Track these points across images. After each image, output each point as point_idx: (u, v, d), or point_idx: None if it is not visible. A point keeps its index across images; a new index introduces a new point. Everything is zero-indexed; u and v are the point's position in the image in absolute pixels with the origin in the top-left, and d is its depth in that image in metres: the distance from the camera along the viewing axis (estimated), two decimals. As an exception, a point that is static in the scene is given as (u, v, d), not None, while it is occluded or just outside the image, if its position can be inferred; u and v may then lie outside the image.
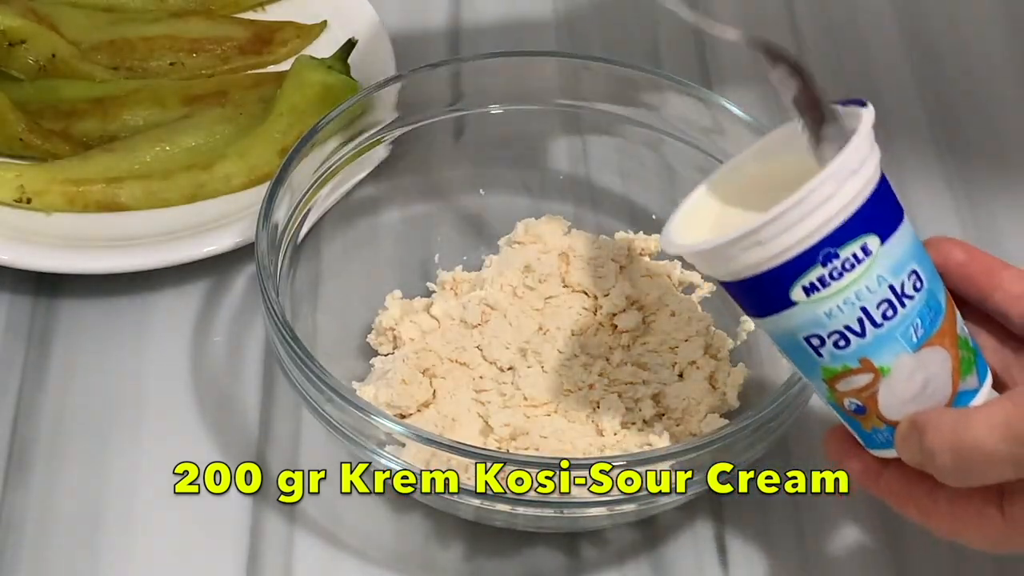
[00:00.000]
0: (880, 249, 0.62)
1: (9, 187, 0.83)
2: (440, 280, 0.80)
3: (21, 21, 0.89)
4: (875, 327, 0.62)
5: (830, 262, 0.61)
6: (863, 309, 0.62)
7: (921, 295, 0.62)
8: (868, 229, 0.61)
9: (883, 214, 0.62)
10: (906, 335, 0.62)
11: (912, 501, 0.64)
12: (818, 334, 0.62)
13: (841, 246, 0.61)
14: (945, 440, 0.60)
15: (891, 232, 0.62)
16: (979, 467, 0.60)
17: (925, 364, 0.62)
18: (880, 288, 0.62)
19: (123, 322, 0.81)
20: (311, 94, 0.87)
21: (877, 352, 0.62)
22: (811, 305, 0.62)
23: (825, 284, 0.61)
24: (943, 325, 0.63)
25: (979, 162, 0.91)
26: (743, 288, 0.63)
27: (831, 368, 0.63)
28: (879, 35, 0.99)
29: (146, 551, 0.72)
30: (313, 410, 0.70)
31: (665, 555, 0.73)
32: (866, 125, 0.62)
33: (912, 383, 0.62)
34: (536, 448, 0.72)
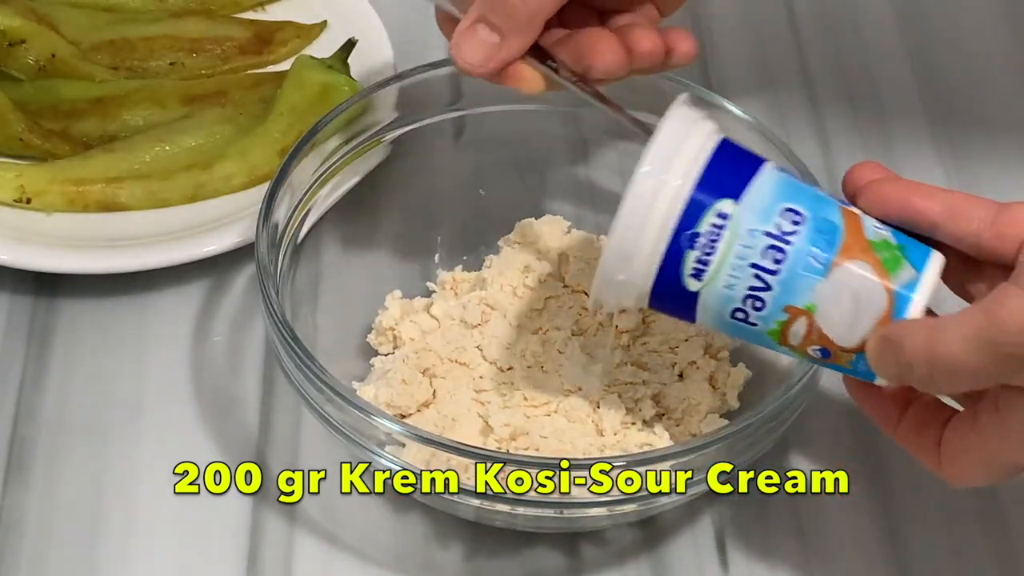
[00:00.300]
0: (737, 208, 0.64)
1: (9, 187, 0.83)
2: (440, 280, 0.80)
3: (21, 21, 0.89)
4: (774, 275, 0.63)
5: (695, 241, 0.64)
6: (753, 265, 0.64)
7: (805, 226, 0.64)
8: (717, 195, 0.64)
9: (728, 177, 0.64)
10: (808, 267, 0.63)
11: (922, 449, 0.66)
12: (736, 307, 0.64)
13: (696, 224, 0.64)
14: (920, 353, 0.61)
15: (744, 188, 0.64)
16: (954, 377, 0.61)
17: (843, 282, 0.63)
18: (757, 239, 0.63)
19: (123, 322, 0.81)
20: (311, 94, 0.87)
21: (792, 295, 0.64)
22: (710, 287, 0.64)
23: (706, 263, 0.64)
24: (845, 240, 0.64)
25: (979, 161, 0.91)
26: (658, 304, 0.66)
27: (772, 330, 0.65)
28: (879, 35, 0.98)
29: (146, 551, 0.72)
30: (313, 410, 0.70)
31: (665, 555, 0.73)
32: (670, 113, 0.65)
33: (842, 304, 0.63)
34: (536, 448, 0.72)
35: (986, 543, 0.74)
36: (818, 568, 0.73)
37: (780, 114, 0.93)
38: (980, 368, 0.60)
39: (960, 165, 0.91)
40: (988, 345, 0.60)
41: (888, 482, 0.76)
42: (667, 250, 0.64)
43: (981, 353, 0.60)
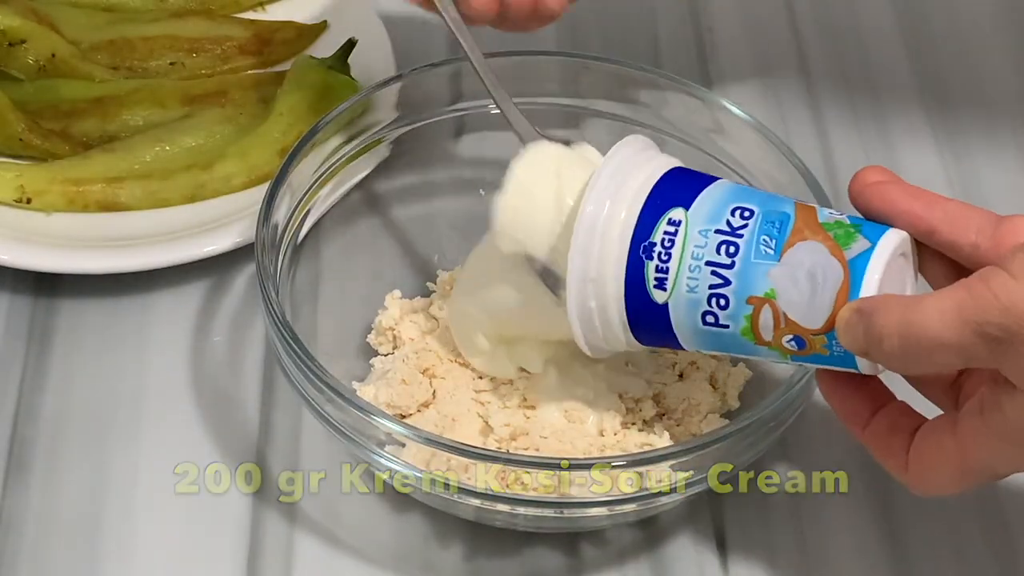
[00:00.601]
0: (688, 213, 0.66)
1: (9, 187, 0.83)
2: (440, 280, 0.80)
3: (21, 21, 0.89)
4: (730, 268, 0.65)
5: (651, 251, 0.66)
6: (709, 263, 0.65)
7: (756, 218, 0.65)
8: (667, 206, 0.66)
9: (679, 190, 0.67)
10: (760, 254, 0.65)
11: (891, 453, 0.65)
12: (705, 311, 0.66)
13: (650, 234, 0.66)
14: (893, 324, 0.61)
15: (695, 195, 0.66)
16: (926, 352, 0.60)
17: (797, 262, 0.64)
18: (709, 238, 0.65)
19: (123, 322, 0.81)
20: (311, 94, 0.87)
21: (750, 285, 0.65)
22: (675, 295, 0.66)
23: (664, 270, 0.66)
24: (796, 224, 0.65)
25: (979, 161, 0.91)
26: (639, 331, 0.68)
27: (744, 328, 0.65)
28: (879, 35, 0.99)
29: (146, 551, 0.72)
30: (313, 410, 0.70)
31: (665, 555, 0.73)
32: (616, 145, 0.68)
33: (799, 283, 0.64)
34: (536, 448, 0.72)
35: (986, 543, 0.74)
36: (818, 568, 0.73)
37: (780, 114, 0.93)
38: (956, 344, 0.59)
39: (960, 165, 0.91)
40: (968, 322, 0.59)
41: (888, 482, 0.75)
42: (628, 264, 0.66)
43: (959, 329, 0.59)
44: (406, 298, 0.79)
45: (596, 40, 0.97)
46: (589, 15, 0.98)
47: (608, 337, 0.69)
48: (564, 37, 0.97)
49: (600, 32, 0.97)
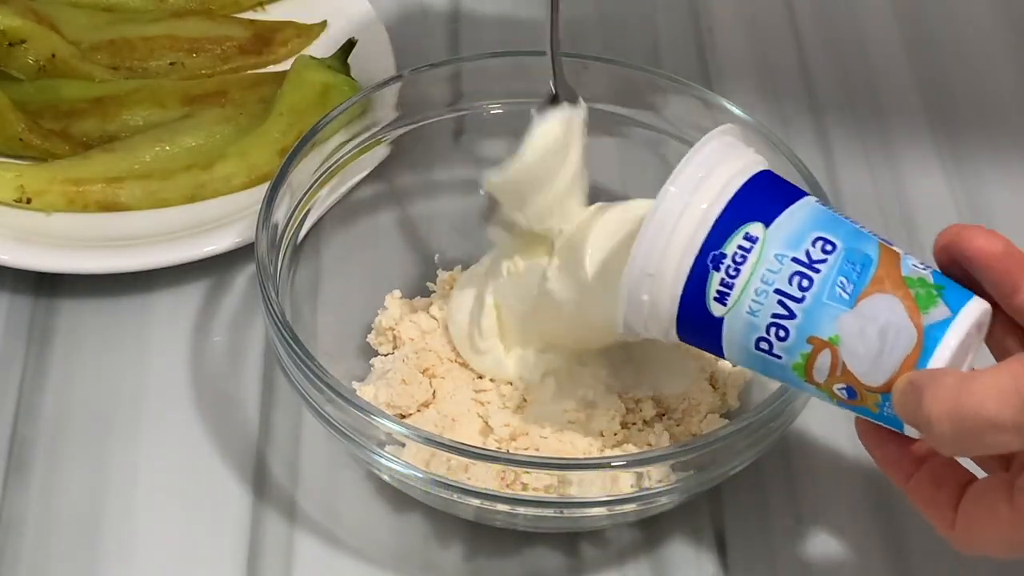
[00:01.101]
0: (767, 231, 0.62)
1: (9, 187, 0.83)
2: (440, 280, 0.80)
3: (21, 21, 0.89)
4: (799, 302, 0.62)
5: (721, 263, 0.63)
6: (778, 291, 0.62)
7: (837, 255, 0.62)
8: (747, 219, 0.63)
9: (762, 202, 0.63)
10: (835, 296, 0.61)
11: (936, 508, 0.63)
12: (760, 336, 0.63)
13: (723, 244, 0.63)
14: (944, 407, 0.57)
15: (777, 213, 0.63)
16: (980, 434, 0.57)
17: (871, 315, 0.61)
18: (784, 264, 0.62)
19: (123, 322, 0.81)
20: (311, 94, 0.87)
21: (816, 324, 0.62)
22: (734, 312, 0.63)
23: (730, 285, 0.63)
24: (877, 272, 0.62)
25: (979, 162, 0.91)
26: (685, 332, 0.65)
27: (797, 364, 0.63)
28: (880, 35, 0.98)
29: (146, 551, 0.72)
30: (313, 410, 0.70)
31: (665, 555, 0.73)
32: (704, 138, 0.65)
33: (868, 338, 0.61)
34: (536, 448, 0.72)
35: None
36: (818, 568, 0.73)
37: (780, 114, 0.93)
38: (1013, 426, 0.56)
39: (961, 165, 0.91)
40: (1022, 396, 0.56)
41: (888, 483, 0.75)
42: (692, 269, 0.63)
43: (1016, 409, 0.56)
44: (406, 298, 0.79)
45: (596, 40, 0.97)
46: (589, 15, 0.98)
47: (651, 328, 0.66)
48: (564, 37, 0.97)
49: (600, 32, 0.97)
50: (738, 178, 0.64)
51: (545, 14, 0.73)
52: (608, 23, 0.98)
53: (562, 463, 0.69)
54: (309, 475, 0.75)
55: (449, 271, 0.81)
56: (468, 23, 0.97)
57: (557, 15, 0.72)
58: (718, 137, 0.65)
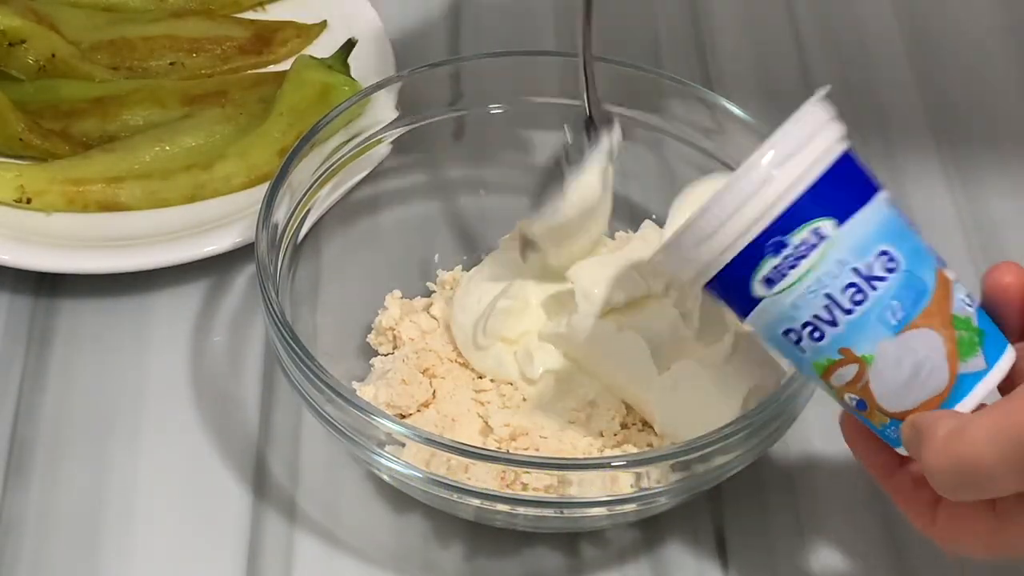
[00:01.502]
0: (837, 232, 0.60)
1: (9, 187, 0.83)
2: (440, 280, 0.80)
3: (21, 21, 0.89)
4: (846, 314, 0.60)
5: (781, 250, 0.60)
6: (828, 296, 0.60)
7: (896, 276, 0.60)
8: (820, 212, 0.60)
9: (838, 196, 0.60)
10: (882, 318, 0.60)
11: (917, 508, 0.63)
12: (791, 327, 0.61)
13: (790, 232, 0.60)
14: (940, 456, 0.57)
15: (851, 213, 0.60)
16: (978, 480, 0.57)
17: (911, 348, 0.60)
18: (843, 272, 0.60)
19: (123, 322, 0.81)
20: (311, 94, 0.87)
21: (855, 340, 0.60)
22: (776, 298, 0.61)
23: (782, 274, 0.60)
24: (930, 306, 0.60)
25: (980, 163, 0.91)
26: (715, 289, 0.63)
27: (818, 363, 0.61)
28: (880, 36, 0.98)
29: (146, 551, 0.72)
30: (313, 410, 0.70)
31: (665, 555, 0.73)
32: (804, 110, 0.61)
33: (901, 369, 0.60)
34: (536, 448, 0.72)
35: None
36: (818, 568, 0.73)
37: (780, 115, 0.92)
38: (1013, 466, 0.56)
39: (961, 165, 0.91)
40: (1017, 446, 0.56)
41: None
42: (749, 245, 0.60)
43: (1013, 448, 0.56)
44: (406, 298, 0.79)
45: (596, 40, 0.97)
46: (589, 15, 0.98)
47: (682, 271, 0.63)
48: (564, 37, 0.97)
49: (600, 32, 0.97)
50: (822, 161, 0.61)
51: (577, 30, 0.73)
52: (608, 23, 0.98)
53: (562, 463, 0.69)
54: (309, 475, 0.75)
55: (449, 271, 0.81)
56: (468, 23, 0.97)
57: (590, 31, 0.72)
58: (811, 109, 0.62)
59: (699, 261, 0.62)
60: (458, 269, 0.81)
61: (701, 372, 0.72)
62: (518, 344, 0.75)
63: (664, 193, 0.83)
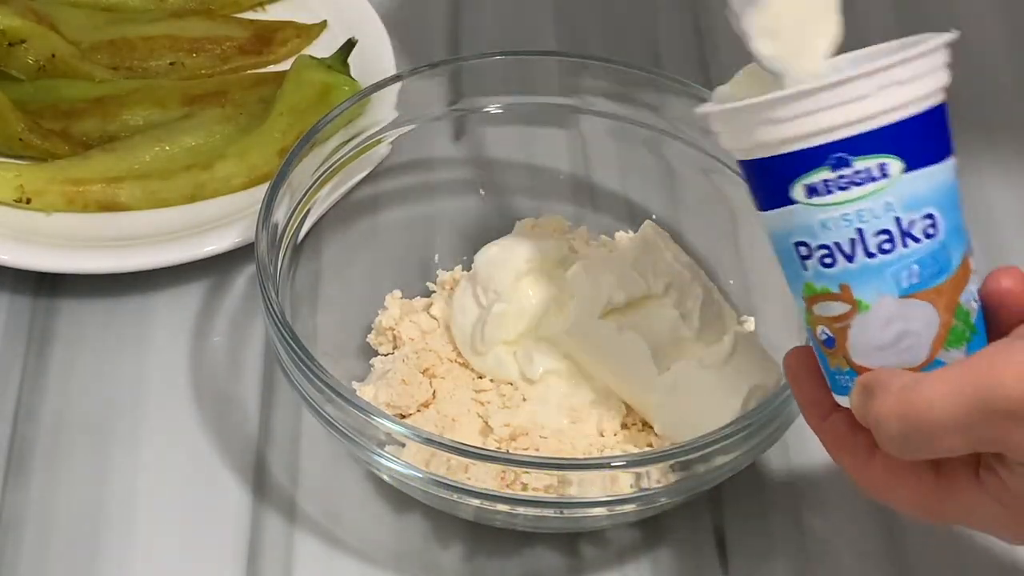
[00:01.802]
0: (901, 176, 0.58)
1: (9, 187, 0.83)
2: (440, 280, 0.80)
3: (21, 21, 0.89)
4: (867, 255, 0.59)
5: (840, 168, 0.58)
6: (859, 231, 0.59)
7: (930, 243, 0.59)
8: (894, 150, 0.58)
9: (918, 143, 0.59)
10: (896, 276, 0.59)
11: (849, 450, 0.61)
12: (808, 242, 0.59)
13: (857, 156, 0.58)
14: (892, 406, 0.57)
15: (921, 165, 0.59)
16: (927, 435, 0.56)
17: (907, 315, 0.59)
18: (885, 216, 0.58)
19: (123, 322, 0.81)
20: (311, 94, 0.87)
21: (860, 283, 0.59)
22: (809, 208, 0.59)
23: (829, 190, 0.58)
24: (944, 283, 0.59)
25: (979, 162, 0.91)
26: (753, 169, 0.60)
27: (812, 285, 0.60)
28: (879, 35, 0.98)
29: (146, 551, 0.72)
30: (313, 410, 0.70)
31: (665, 555, 0.73)
32: (927, 44, 0.60)
33: (887, 330, 0.59)
34: (536, 448, 0.72)
35: (986, 543, 0.74)
36: (818, 569, 0.73)
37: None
38: (962, 424, 0.55)
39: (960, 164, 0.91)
40: (978, 399, 0.55)
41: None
42: (814, 147, 0.58)
43: (962, 408, 0.55)
44: (406, 298, 0.79)
45: (596, 40, 0.97)
46: (589, 15, 0.98)
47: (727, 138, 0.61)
48: (564, 37, 0.97)
49: (600, 32, 0.97)
50: (921, 103, 0.59)
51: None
52: (608, 23, 0.98)
53: (562, 463, 0.69)
54: (309, 475, 0.75)
55: (449, 271, 0.81)
56: (468, 23, 0.97)
57: None
58: (940, 47, 0.61)
59: (755, 139, 0.59)
60: (458, 269, 0.81)
61: (701, 372, 0.73)
62: (517, 345, 0.75)
63: (664, 193, 0.83)
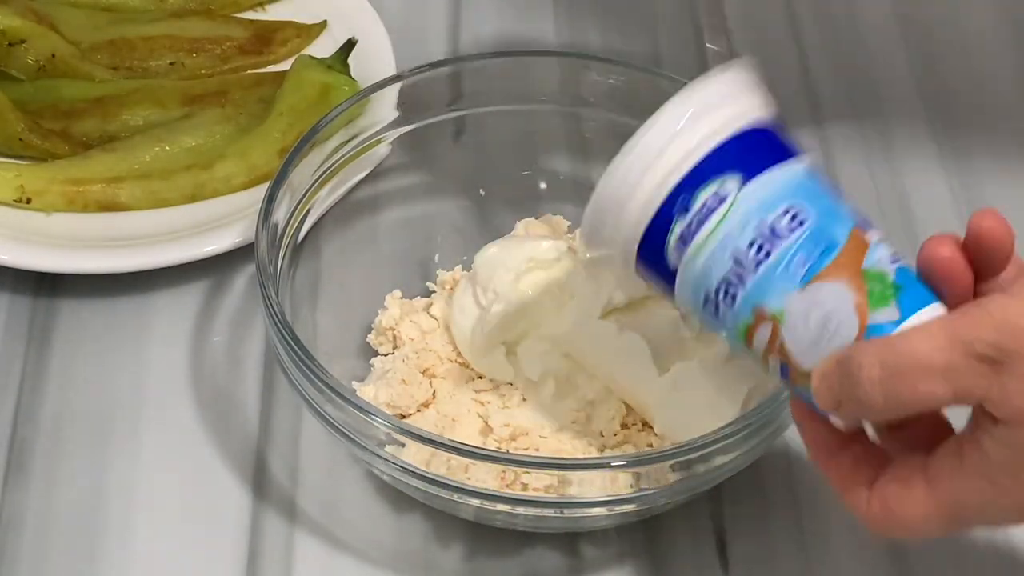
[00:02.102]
0: (742, 190, 0.60)
1: (9, 187, 0.83)
2: (440, 280, 0.80)
3: (21, 21, 0.89)
4: (754, 270, 0.60)
5: (688, 211, 0.60)
6: (733, 255, 0.60)
7: (802, 231, 0.60)
8: (724, 169, 0.60)
9: (747, 157, 0.61)
10: (787, 273, 0.60)
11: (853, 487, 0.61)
12: (708, 294, 0.61)
13: (695, 192, 0.60)
14: (873, 354, 0.57)
15: (756, 174, 0.60)
16: (910, 381, 0.56)
17: (818, 300, 0.59)
18: (747, 230, 0.60)
19: (123, 322, 0.81)
20: (311, 94, 0.87)
21: (763, 297, 0.60)
22: (689, 264, 0.61)
23: (692, 234, 0.61)
24: (838, 258, 0.60)
25: (979, 160, 0.91)
26: (644, 271, 0.63)
27: (738, 328, 0.61)
28: (880, 35, 0.98)
29: (146, 551, 0.72)
30: (313, 410, 0.70)
31: (665, 555, 0.73)
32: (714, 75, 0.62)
33: (810, 322, 0.59)
34: (536, 448, 0.72)
35: (986, 542, 0.74)
36: (818, 569, 0.73)
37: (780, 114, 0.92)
38: (945, 367, 0.55)
39: (961, 165, 0.91)
40: (958, 341, 0.55)
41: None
42: (659, 210, 0.61)
43: (948, 350, 0.55)
44: (406, 298, 0.79)
45: (596, 40, 0.97)
46: (589, 14, 0.98)
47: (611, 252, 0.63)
48: (564, 37, 0.97)
49: (600, 32, 0.97)
50: (733, 123, 0.61)
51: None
52: (608, 23, 0.98)
53: (562, 463, 0.69)
54: (309, 475, 0.75)
55: (449, 271, 0.81)
56: (468, 23, 0.97)
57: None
58: (727, 73, 0.63)
59: (619, 236, 0.62)
60: (458, 269, 0.81)
61: (701, 373, 0.73)
62: (517, 345, 0.75)
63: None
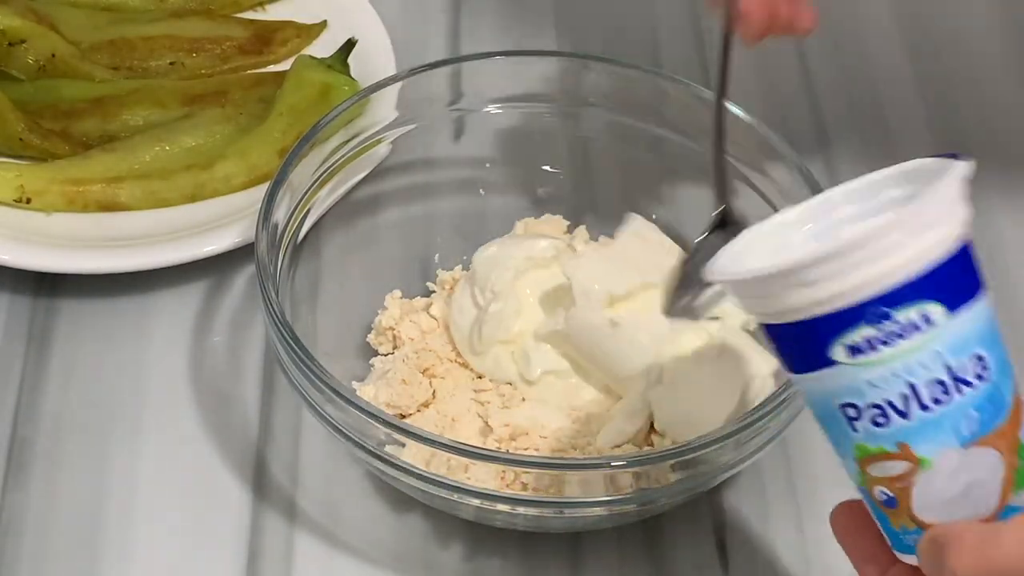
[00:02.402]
0: (945, 322, 0.54)
1: (9, 187, 0.83)
2: (440, 280, 0.80)
3: (21, 21, 0.89)
4: (922, 409, 0.55)
5: (881, 322, 0.54)
6: (911, 386, 0.54)
7: (983, 385, 0.55)
8: (934, 295, 0.54)
9: (955, 282, 0.55)
10: (956, 426, 0.55)
11: None
12: (855, 403, 0.55)
13: (897, 307, 0.54)
14: (969, 561, 0.53)
15: (961, 305, 0.55)
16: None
17: (972, 465, 0.55)
18: (935, 366, 0.54)
19: (123, 322, 0.81)
20: (311, 94, 0.87)
21: (919, 439, 0.55)
22: (853, 369, 0.55)
23: (873, 347, 0.54)
24: (1003, 426, 0.55)
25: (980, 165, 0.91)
26: (782, 334, 0.56)
27: (865, 447, 0.56)
28: (880, 36, 0.98)
29: (146, 551, 0.72)
30: (313, 410, 0.70)
31: (665, 555, 0.73)
32: (950, 177, 0.55)
33: (954, 483, 0.55)
34: (536, 448, 0.72)
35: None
36: (818, 568, 0.73)
37: (780, 115, 0.93)
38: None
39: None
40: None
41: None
42: (851, 306, 0.54)
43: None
44: (406, 298, 0.79)
45: (596, 40, 0.97)
46: (589, 15, 0.98)
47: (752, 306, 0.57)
48: (564, 37, 0.97)
49: (600, 32, 0.97)
50: (947, 241, 0.55)
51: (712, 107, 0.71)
52: (608, 23, 0.98)
53: (562, 463, 0.69)
54: (309, 475, 0.75)
55: (449, 271, 0.81)
56: (468, 23, 0.97)
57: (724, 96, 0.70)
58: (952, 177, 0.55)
59: (784, 304, 0.55)
60: (458, 269, 0.81)
61: (700, 370, 0.73)
62: (516, 344, 0.75)
63: (664, 193, 0.83)
